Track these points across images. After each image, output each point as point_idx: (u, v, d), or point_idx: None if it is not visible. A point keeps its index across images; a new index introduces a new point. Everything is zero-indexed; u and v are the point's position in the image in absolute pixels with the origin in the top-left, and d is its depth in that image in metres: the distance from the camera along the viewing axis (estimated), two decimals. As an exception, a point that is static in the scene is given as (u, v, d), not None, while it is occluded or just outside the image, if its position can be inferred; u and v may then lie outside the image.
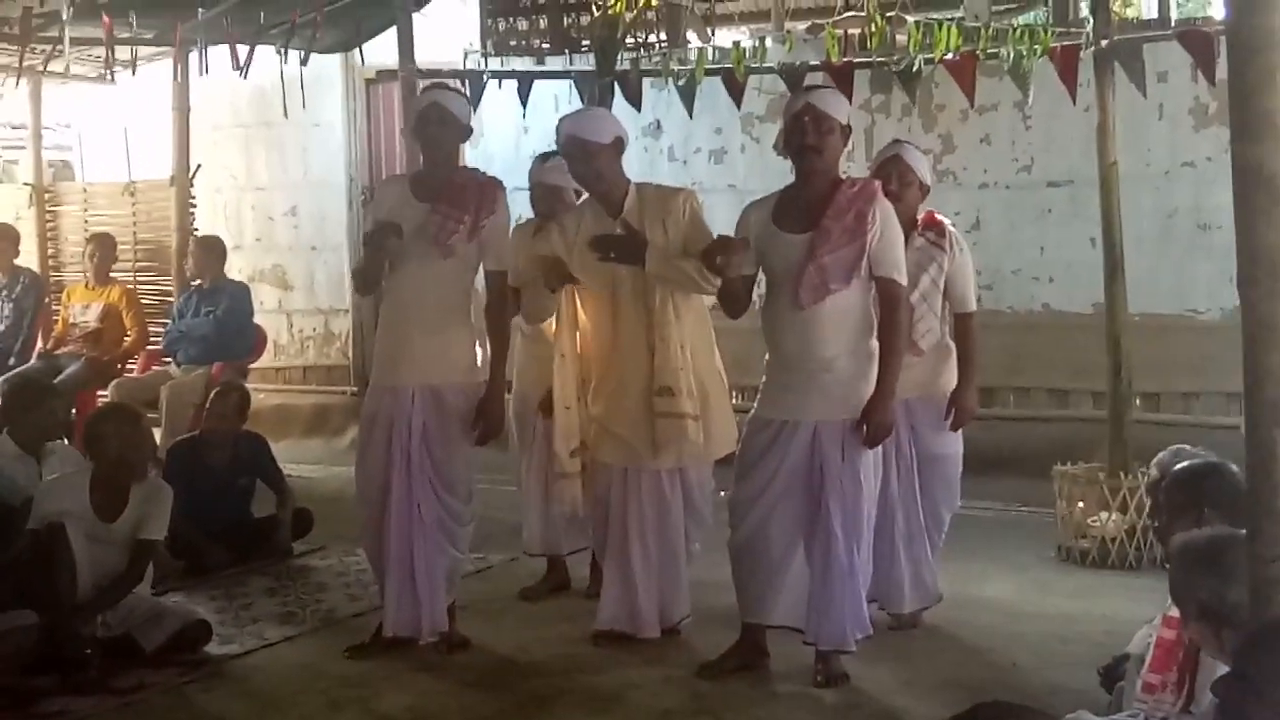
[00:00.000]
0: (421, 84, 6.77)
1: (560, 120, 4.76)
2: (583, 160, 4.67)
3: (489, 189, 4.75)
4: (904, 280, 4.40)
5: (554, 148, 5.00)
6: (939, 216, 5.04)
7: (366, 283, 4.88)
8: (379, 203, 4.91)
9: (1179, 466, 3.67)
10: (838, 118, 4.35)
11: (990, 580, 5.79)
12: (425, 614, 4.79)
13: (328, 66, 9.22)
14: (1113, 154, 6.21)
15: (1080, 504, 6.15)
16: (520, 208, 4.69)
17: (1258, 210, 2.61)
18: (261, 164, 10.50)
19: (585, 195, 4.97)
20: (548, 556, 5.71)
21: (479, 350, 4.85)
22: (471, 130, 4.88)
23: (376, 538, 4.81)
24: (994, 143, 8.32)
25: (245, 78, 7.27)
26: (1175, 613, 3.10)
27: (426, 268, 4.69)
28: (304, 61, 7.48)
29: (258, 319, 8.79)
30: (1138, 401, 7.38)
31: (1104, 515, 6.04)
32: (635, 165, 5.10)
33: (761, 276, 4.55)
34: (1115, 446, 6.22)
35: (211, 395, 6.58)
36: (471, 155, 9.33)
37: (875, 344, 4.37)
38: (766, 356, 4.49)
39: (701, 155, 9.10)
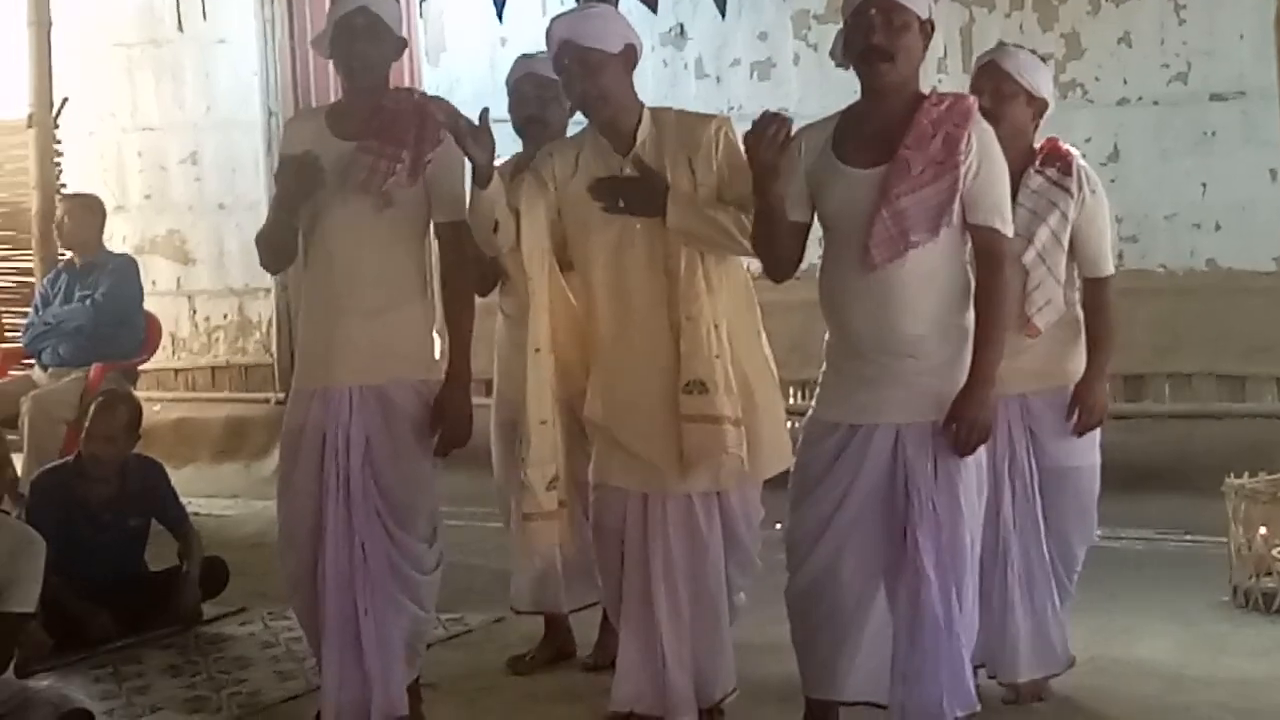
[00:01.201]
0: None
1: (552, 21, 4.79)
2: (582, 76, 4.69)
3: (431, 113, 4.77)
4: (1009, 230, 4.39)
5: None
6: (1065, 146, 5.03)
7: (275, 252, 4.89)
8: (286, 147, 4.90)
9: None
10: (914, 9, 4.33)
11: (1142, 635, 5.80)
12: (377, 694, 4.79)
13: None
14: (1297, 55, 6.22)
15: (1263, 530, 6.14)
16: (499, 148, 4.70)
17: None
18: (149, 96, 10.56)
19: (582, 126, 4.99)
20: (544, 615, 5.74)
21: (438, 337, 4.88)
22: (405, 43, 4.91)
23: (309, 593, 4.83)
24: (1136, 44, 8.32)
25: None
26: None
27: (358, 227, 4.71)
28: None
29: (149, 304, 8.84)
30: (1340, 390, 7.44)
31: (1295, 544, 6.05)
32: (652, 85, 5.14)
33: (818, 228, 4.54)
34: (1309, 451, 6.24)
35: (91, 408, 6.61)
36: (432, 78, 9.40)
37: (973, 319, 4.37)
38: (827, 338, 4.50)
39: (740, 69, 9.13)
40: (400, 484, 4.80)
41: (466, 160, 4.61)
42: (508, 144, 5.54)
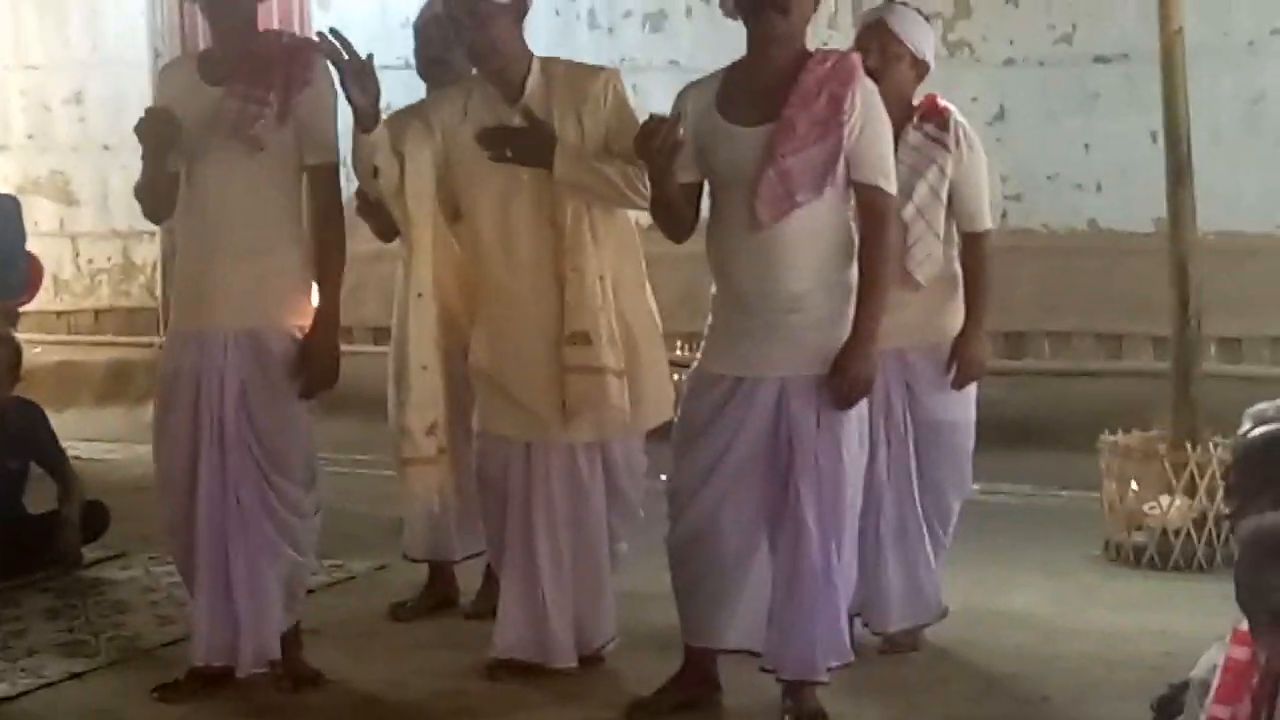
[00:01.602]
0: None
1: None
2: (474, 25, 4.67)
3: (300, 54, 4.75)
4: (892, 188, 4.44)
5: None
6: (943, 103, 5.07)
7: (154, 201, 4.87)
8: (159, 95, 4.91)
9: (1254, 433, 3.73)
10: (808, -35, 4.37)
11: (1016, 587, 5.89)
12: (246, 636, 4.79)
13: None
14: (1178, 19, 6.27)
15: (1134, 486, 6.25)
16: (389, 94, 4.67)
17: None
18: (33, 34, 10.39)
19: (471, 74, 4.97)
20: (431, 563, 5.75)
21: (313, 284, 4.85)
22: None
23: (185, 537, 4.82)
24: (1023, 4, 8.41)
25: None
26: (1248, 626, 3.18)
27: (230, 171, 4.69)
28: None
29: (31, 245, 8.74)
30: (1212, 349, 7.56)
31: (1165, 500, 6.15)
32: (543, 35, 5.13)
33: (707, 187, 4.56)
34: (1181, 409, 6.34)
35: (-32, 350, 6.54)
36: (322, 20, 9.27)
37: (857, 275, 4.41)
38: (713, 292, 4.52)
39: (633, 21, 9.12)
40: (276, 429, 4.78)
41: (342, 101, 4.58)
42: (406, 89, 5.52)
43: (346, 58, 4.51)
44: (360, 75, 4.52)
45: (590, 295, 4.68)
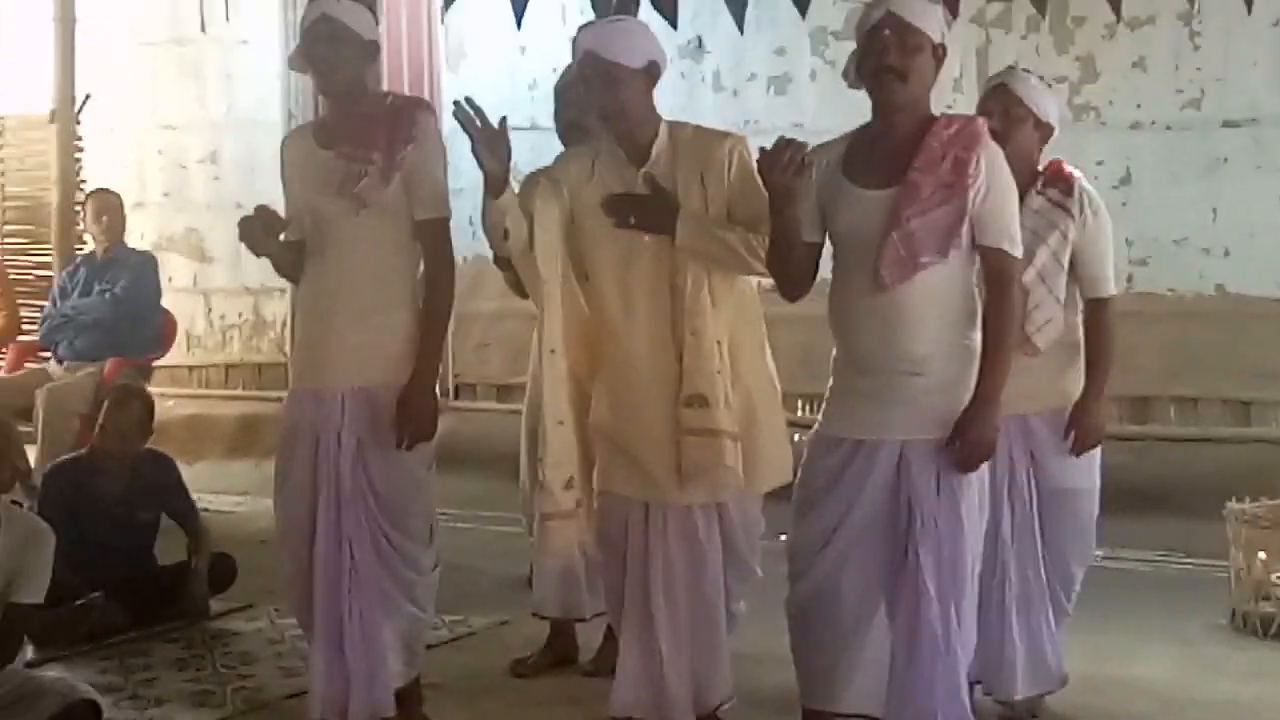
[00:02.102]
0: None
1: (580, 30, 4.82)
2: (605, 88, 4.72)
3: (404, 112, 4.84)
4: (1018, 251, 4.41)
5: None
6: (1068, 168, 5.07)
7: (284, 273, 4.99)
8: (283, 165, 5.01)
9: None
10: (928, 31, 4.36)
11: (1139, 657, 5.83)
12: (358, 691, 4.81)
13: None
14: (1309, 83, 6.25)
15: (1262, 555, 6.17)
16: (518, 155, 4.72)
17: None
18: (172, 95, 10.61)
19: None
20: (553, 620, 5.78)
21: None
22: (378, 48, 4.95)
23: (304, 592, 4.88)
24: (1150, 69, 8.36)
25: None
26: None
27: (344, 232, 4.78)
28: (228, -42, 7.60)
29: (166, 301, 8.90)
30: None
31: (1294, 570, 6.08)
32: (669, 96, 5.14)
33: (829, 249, 4.57)
34: (1310, 477, 6.26)
35: (105, 402, 6.66)
36: (452, 85, 9.43)
37: (980, 339, 4.40)
38: (834, 354, 4.53)
39: (757, 83, 9.17)
40: (393, 486, 4.83)
41: (470, 162, 4.65)
42: (533, 152, 5.58)
43: (479, 124, 4.57)
44: (492, 141, 4.58)
45: (708, 359, 4.69)
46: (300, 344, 5.02)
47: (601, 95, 4.74)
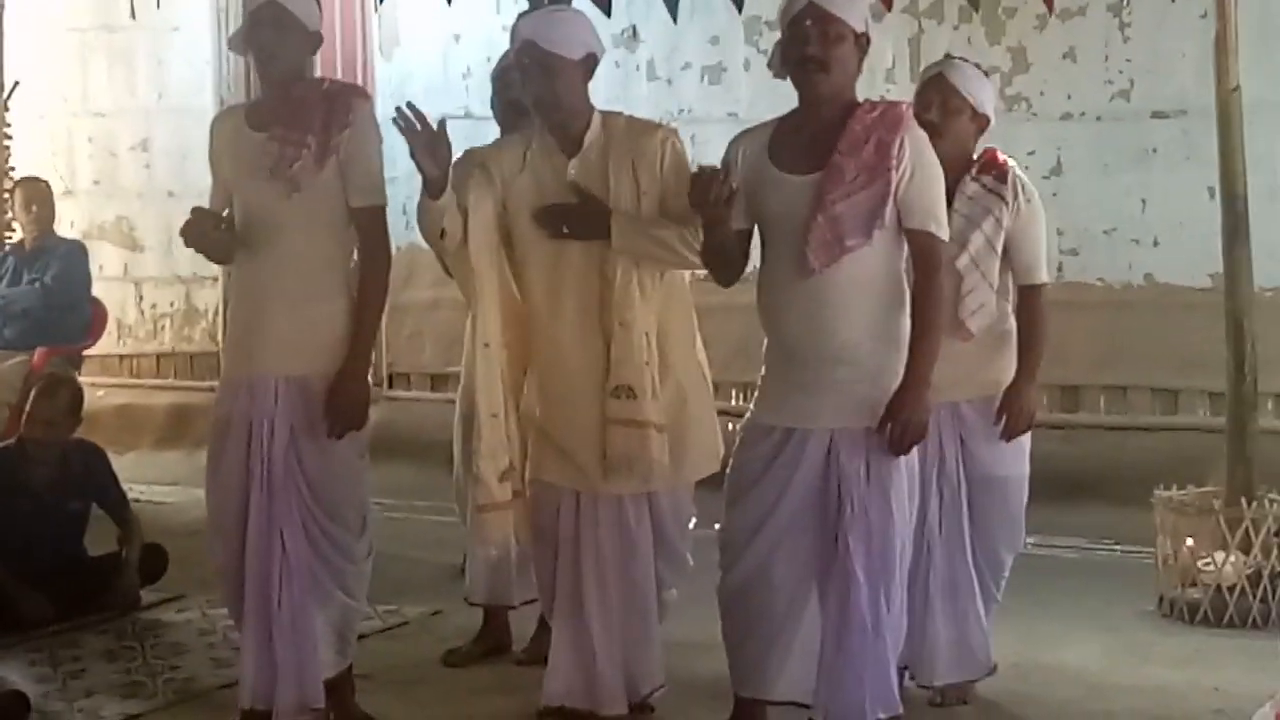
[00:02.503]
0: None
1: (519, 18, 4.82)
2: (541, 78, 4.73)
3: (340, 97, 4.82)
4: (944, 234, 4.45)
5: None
6: (1002, 157, 5.10)
7: (207, 254, 4.95)
8: (212, 146, 4.98)
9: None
10: (849, 21, 4.39)
11: (1069, 642, 5.87)
12: (287, 681, 4.78)
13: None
14: (1234, 76, 6.28)
15: (1189, 541, 6.22)
16: (455, 145, 4.71)
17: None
18: (102, 81, 10.53)
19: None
20: (485, 609, 5.78)
21: None
22: (320, 38, 4.93)
23: (236, 581, 4.85)
24: (1081, 59, 8.41)
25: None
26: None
27: (276, 217, 4.75)
28: (158, -56, 7.55)
29: (96, 290, 8.85)
30: (1269, 405, 7.52)
31: (1220, 557, 6.12)
32: (603, 85, 5.16)
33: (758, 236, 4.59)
34: (1236, 465, 6.29)
35: (33, 391, 6.61)
36: (385, 72, 9.42)
37: (908, 326, 4.43)
38: (765, 343, 4.55)
39: (691, 73, 9.18)
40: (326, 475, 4.81)
41: (403, 154, 4.64)
42: (467, 140, 5.56)
43: (419, 128, 4.56)
44: (432, 145, 4.58)
45: (636, 350, 4.71)
46: (233, 332, 4.99)
47: (537, 85, 4.75)
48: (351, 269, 4.90)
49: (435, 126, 4.57)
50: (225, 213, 4.87)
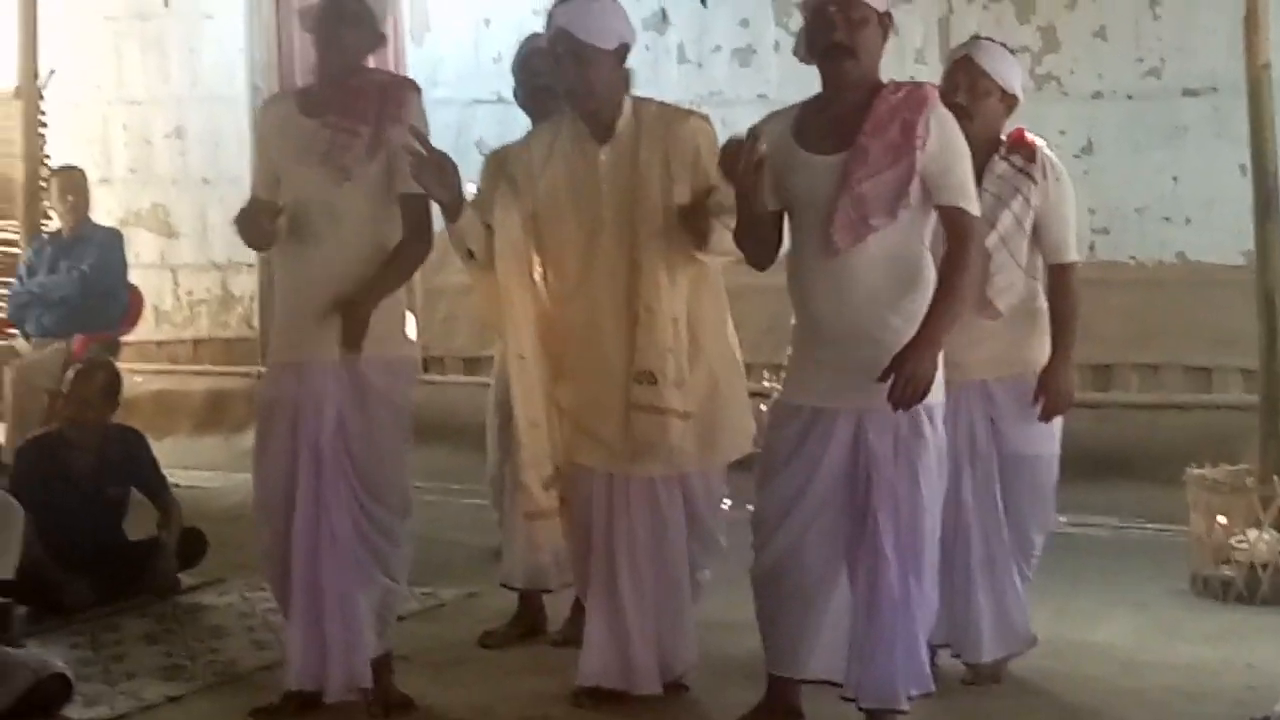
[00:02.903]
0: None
1: (556, 5, 4.85)
2: (575, 67, 4.76)
3: (393, 89, 4.87)
4: (975, 209, 4.46)
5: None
6: (1030, 136, 5.11)
7: (254, 234, 4.95)
8: (261, 131, 5.04)
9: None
10: (873, 4, 4.42)
11: (1101, 620, 5.90)
12: (335, 662, 4.85)
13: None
14: (1265, 53, 6.29)
15: (1222, 519, 6.24)
16: (481, 128, 4.76)
17: None
18: (135, 69, 10.60)
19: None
20: (524, 593, 5.82)
21: (410, 315, 4.95)
22: (385, 39, 4.98)
23: (281, 563, 4.90)
24: (1111, 38, 8.40)
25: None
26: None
27: (325, 202, 4.79)
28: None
29: (132, 277, 8.91)
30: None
31: (1253, 534, 6.14)
32: (633, 69, 5.17)
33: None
34: (1269, 442, 6.31)
35: (71, 376, 6.66)
36: (416, 57, 9.44)
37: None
38: (793, 322, 4.57)
39: (721, 55, 9.18)
40: (373, 458, 4.86)
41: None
42: (499, 124, 5.58)
43: (426, 154, 4.62)
44: (439, 169, 4.63)
45: (661, 336, 4.75)
46: (281, 315, 5.00)
47: (571, 73, 4.78)
48: None
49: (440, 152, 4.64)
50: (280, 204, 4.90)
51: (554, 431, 4.91)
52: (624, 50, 4.83)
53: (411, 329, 4.98)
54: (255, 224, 4.81)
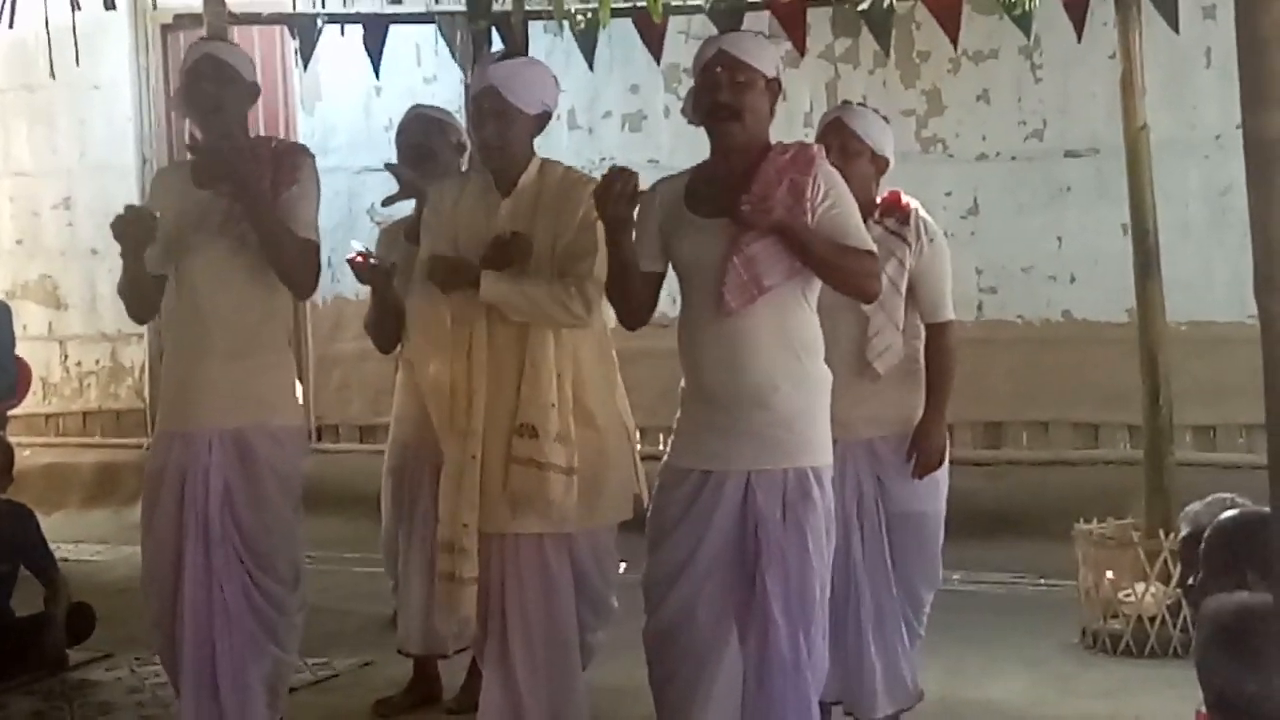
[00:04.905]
0: (232, 31, 6.92)
1: (484, 62, 4.93)
2: (495, 122, 4.80)
3: (287, 155, 4.92)
4: (874, 249, 4.49)
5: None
6: (905, 199, 5.18)
7: (137, 301, 4.97)
8: (151, 198, 5.06)
9: (1224, 517, 3.84)
10: (760, 67, 4.46)
11: (994, 675, 5.97)
12: (231, 734, 4.83)
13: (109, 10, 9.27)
14: (1142, 115, 6.42)
15: (1110, 574, 6.32)
16: (372, 195, 4.79)
17: (1275, 194, 2.77)
18: (22, 141, 10.52)
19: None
20: (416, 659, 5.79)
21: (298, 384, 4.96)
22: (258, 89, 5.02)
23: (170, 634, 4.88)
24: (994, 101, 8.57)
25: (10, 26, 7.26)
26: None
27: (217, 271, 4.82)
28: (76, 4, 7.54)
29: (19, 349, 8.82)
30: (1187, 438, 7.65)
31: (1140, 588, 6.23)
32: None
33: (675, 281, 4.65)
34: (1154, 497, 6.41)
35: (-42, 453, 6.60)
36: (307, 126, 9.47)
37: (826, 370, 4.50)
38: (682, 386, 4.59)
39: (612, 121, 9.28)
40: (260, 529, 4.86)
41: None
42: (389, 192, 5.63)
43: (370, 271, 4.95)
44: (380, 285, 5.04)
45: (544, 390, 4.75)
46: (167, 385, 5.01)
47: (489, 128, 4.81)
48: (290, 324, 4.97)
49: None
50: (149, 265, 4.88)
51: (470, 491, 4.90)
52: (545, 118, 4.90)
53: (299, 397, 4.98)
54: (133, 227, 4.78)
